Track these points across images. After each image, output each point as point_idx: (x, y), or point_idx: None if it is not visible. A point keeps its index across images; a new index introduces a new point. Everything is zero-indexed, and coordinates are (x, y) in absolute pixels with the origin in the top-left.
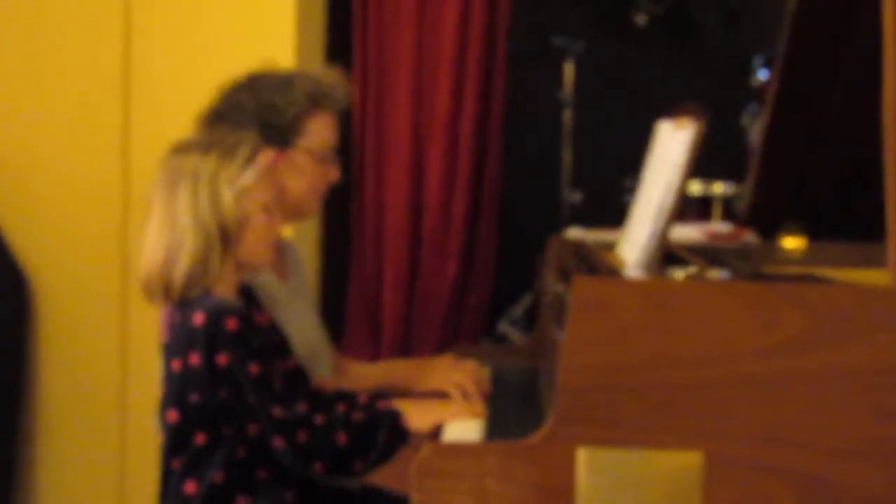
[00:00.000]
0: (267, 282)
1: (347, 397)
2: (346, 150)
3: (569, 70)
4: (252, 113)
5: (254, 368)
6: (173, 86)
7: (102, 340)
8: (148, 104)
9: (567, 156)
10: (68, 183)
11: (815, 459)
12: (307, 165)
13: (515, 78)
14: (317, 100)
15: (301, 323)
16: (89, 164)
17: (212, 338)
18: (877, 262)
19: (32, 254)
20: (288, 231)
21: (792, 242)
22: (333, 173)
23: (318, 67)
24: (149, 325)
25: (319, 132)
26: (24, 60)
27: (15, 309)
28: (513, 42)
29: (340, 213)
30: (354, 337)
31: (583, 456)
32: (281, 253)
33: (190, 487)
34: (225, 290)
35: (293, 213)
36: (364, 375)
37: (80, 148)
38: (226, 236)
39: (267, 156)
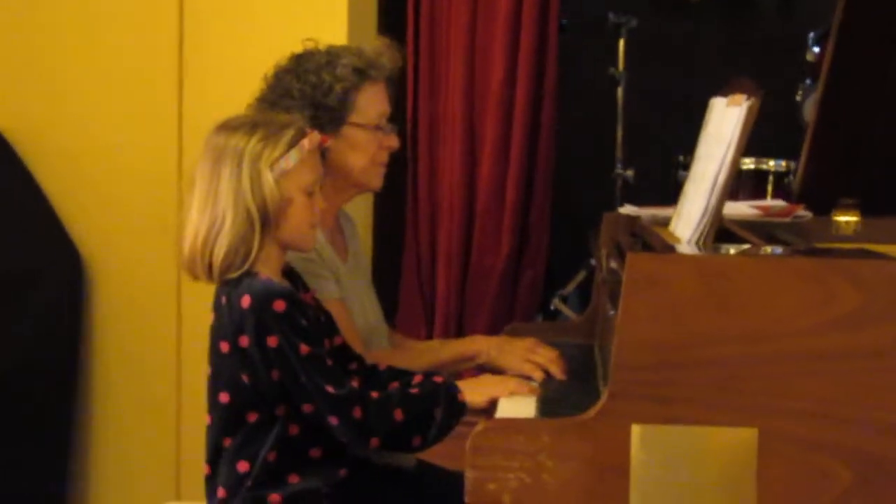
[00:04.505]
0: (329, 260)
1: (401, 376)
2: (400, 124)
3: (622, 46)
4: (301, 96)
5: (304, 348)
6: (227, 63)
7: (159, 321)
8: (202, 83)
9: (620, 132)
10: (124, 163)
11: (871, 436)
12: (364, 139)
13: (569, 54)
14: (363, 72)
15: (360, 302)
16: (145, 143)
17: (260, 320)
18: None
19: (88, 234)
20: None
21: (845, 218)
22: (391, 141)
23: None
24: (205, 305)
25: (371, 104)
26: (79, 40)
27: (71, 290)
28: (567, 17)
29: (394, 188)
30: (408, 311)
31: (637, 433)
32: (340, 231)
33: (243, 466)
34: (269, 271)
35: (358, 188)
36: (424, 351)
37: (136, 127)
38: (265, 218)
39: (313, 139)
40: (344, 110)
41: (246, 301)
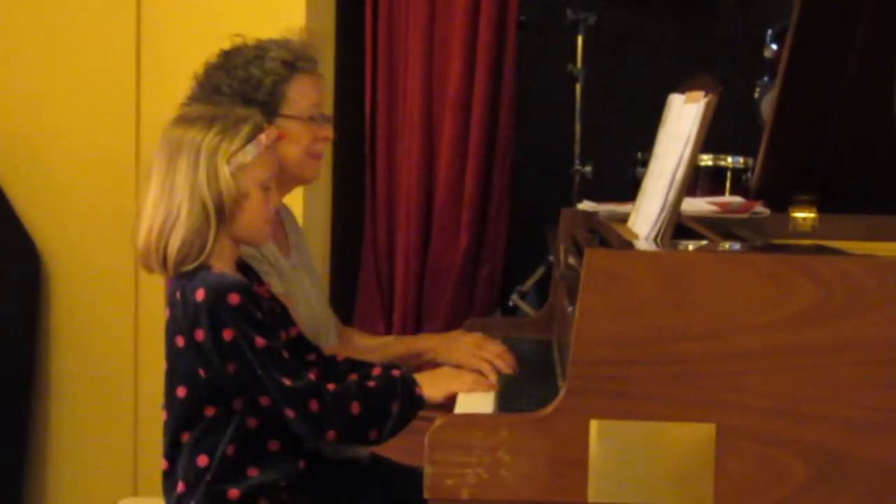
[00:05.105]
0: (270, 255)
1: (360, 367)
2: (359, 121)
3: (581, 43)
4: (231, 92)
5: (260, 341)
6: (185, 55)
7: (116, 315)
8: (160, 75)
9: (578, 129)
10: (81, 156)
11: (828, 432)
12: (298, 131)
13: (528, 50)
14: (292, 64)
15: (305, 296)
16: (102, 136)
17: (215, 314)
18: (888, 234)
19: (45, 228)
20: (300, 204)
21: (802, 215)
22: (326, 131)
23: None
24: (162, 299)
25: (302, 95)
26: (35, 32)
27: (28, 284)
28: (525, 14)
29: (353, 185)
30: (366, 308)
31: (595, 428)
32: (280, 225)
33: (203, 461)
34: (223, 265)
35: (295, 180)
36: (373, 348)
37: (93, 120)
38: (221, 211)
39: (270, 134)
40: (275, 103)
41: (200, 294)
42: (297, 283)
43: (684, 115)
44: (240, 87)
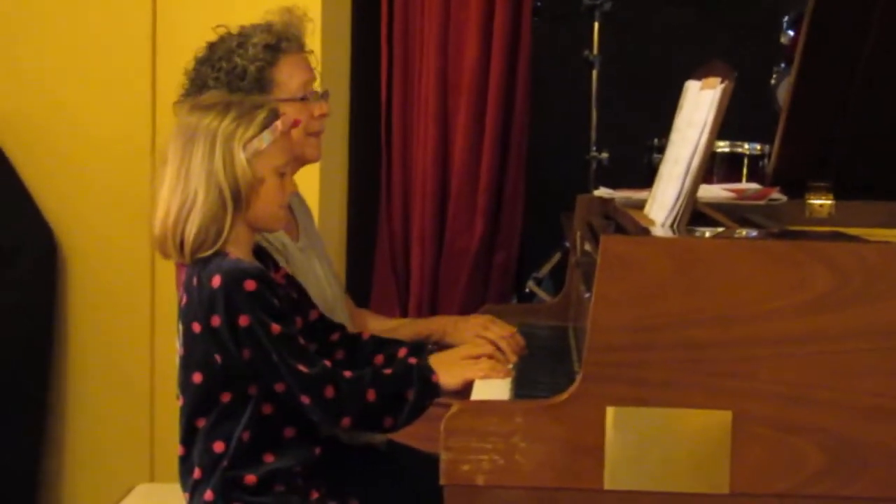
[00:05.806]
0: (276, 241)
1: (385, 345)
2: (375, 109)
3: (597, 29)
4: (217, 84)
5: (275, 328)
6: (201, 39)
7: (132, 299)
8: (175, 60)
9: (594, 115)
10: (97, 141)
11: (844, 418)
12: (293, 113)
13: (543, 37)
14: (275, 47)
15: (316, 280)
16: (118, 121)
17: (231, 300)
18: None
19: (62, 214)
20: (315, 190)
21: (819, 202)
22: (321, 108)
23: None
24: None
25: (291, 77)
26: (50, 17)
27: (45, 269)
28: (541, 0)
29: (369, 172)
30: (382, 295)
31: (611, 414)
32: (289, 209)
33: (219, 447)
34: (239, 251)
35: (297, 161)
36: (385, 331)
37: (109, 105)
38: (237, 198)
39: (286, 120)
40: (263, 90)
41: (216, 281)
42: (306, 266)
43: (700, 101)
44: (226, 78)
